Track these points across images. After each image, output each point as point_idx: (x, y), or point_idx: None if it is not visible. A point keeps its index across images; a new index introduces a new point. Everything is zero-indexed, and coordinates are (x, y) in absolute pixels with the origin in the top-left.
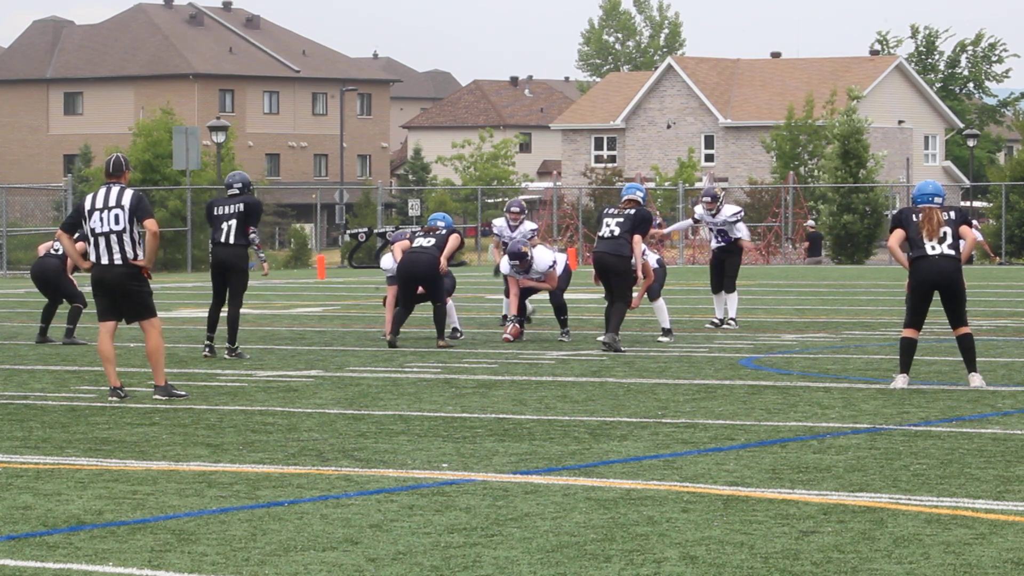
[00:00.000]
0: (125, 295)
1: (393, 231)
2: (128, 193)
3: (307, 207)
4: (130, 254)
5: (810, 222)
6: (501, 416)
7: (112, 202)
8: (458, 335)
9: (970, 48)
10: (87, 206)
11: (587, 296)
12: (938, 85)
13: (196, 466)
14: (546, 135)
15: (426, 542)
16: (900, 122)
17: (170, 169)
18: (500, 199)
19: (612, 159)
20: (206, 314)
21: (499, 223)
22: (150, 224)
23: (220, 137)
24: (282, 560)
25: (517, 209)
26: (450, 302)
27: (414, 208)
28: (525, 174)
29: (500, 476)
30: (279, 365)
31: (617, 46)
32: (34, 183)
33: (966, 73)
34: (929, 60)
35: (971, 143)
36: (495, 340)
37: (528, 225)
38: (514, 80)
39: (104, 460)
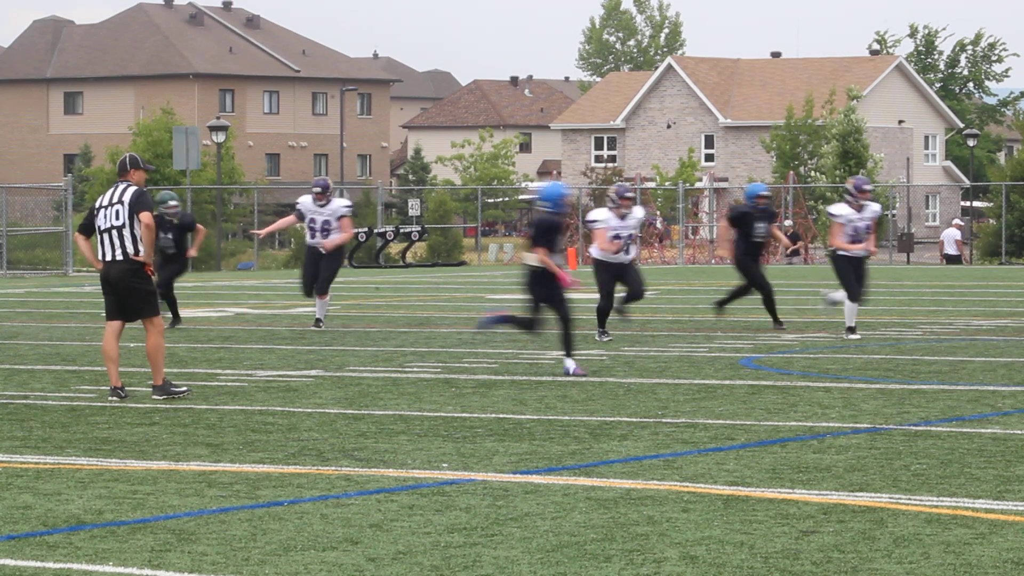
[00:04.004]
0: (127, 291)
1: (393, 231)
2: (131, 190)
3: None
4: (130, 250)
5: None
6: (501, 416)
7: (116, 199)
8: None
9: (970, 48)
10: (97, 205)
11: (586, 296)
12: (938, 85)
13: (196, 466)
14: (546, 135)
15: (426, 542)
16: (900, 122)
17: (170, 169)
18: (500, 199)
19: (612, 159)
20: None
21: (304, 200)
22: (144, 217)
23: (220, 137)
24: (282, 560)
25: (319, 189)
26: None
27: (414, 208)
28: (525, 174)
29: (500, 476)
30: (279, 365)
31: (618, 45)
32: (34, 183)
33: (966, 73)
34: (928, 60)
35: (971, 143)
36: (495, 340)
37: (341, 201)
38: (514, 80)
39: (104, 460)
